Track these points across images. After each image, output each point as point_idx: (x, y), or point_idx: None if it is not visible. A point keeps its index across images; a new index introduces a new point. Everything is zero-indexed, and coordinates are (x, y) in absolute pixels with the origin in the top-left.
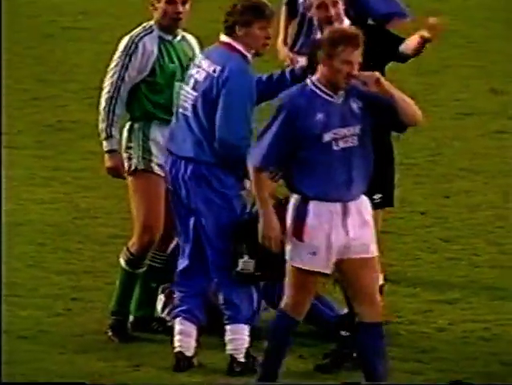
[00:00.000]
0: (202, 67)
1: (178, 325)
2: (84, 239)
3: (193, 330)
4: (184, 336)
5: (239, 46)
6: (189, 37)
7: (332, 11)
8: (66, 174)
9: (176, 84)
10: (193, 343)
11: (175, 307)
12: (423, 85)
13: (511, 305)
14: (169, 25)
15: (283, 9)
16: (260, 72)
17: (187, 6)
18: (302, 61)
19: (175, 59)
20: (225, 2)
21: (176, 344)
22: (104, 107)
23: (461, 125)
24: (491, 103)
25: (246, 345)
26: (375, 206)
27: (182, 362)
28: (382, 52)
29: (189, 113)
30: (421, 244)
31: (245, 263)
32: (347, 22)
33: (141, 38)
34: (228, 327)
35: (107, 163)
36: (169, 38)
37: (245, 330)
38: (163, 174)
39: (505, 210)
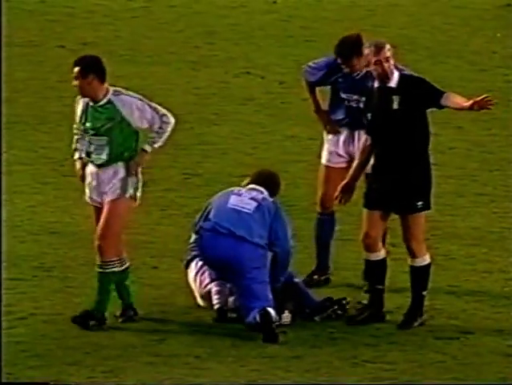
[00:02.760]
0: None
1: (215, 287)
2: None
3: (226, 289)
4: (221, 295)
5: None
6: (119, 99)
7: (385, 65)
8: None
9: (93, 138)
10: (228, 298)
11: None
12: None
13: (442, 293)
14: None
15: (305, 84)
16: None
17: (84, 80)
18: (344, 134)
19: (90, 119)
20: (230, 70)
21: (215, 302)
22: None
23: None
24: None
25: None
26: (419, 210)
27: (223, 316)
28: (425, 100)
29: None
30: None
31: (286, 317)
32: (396, 74)
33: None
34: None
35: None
36: (92, 103)
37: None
38: (94, 204)
39: (438, 223)
